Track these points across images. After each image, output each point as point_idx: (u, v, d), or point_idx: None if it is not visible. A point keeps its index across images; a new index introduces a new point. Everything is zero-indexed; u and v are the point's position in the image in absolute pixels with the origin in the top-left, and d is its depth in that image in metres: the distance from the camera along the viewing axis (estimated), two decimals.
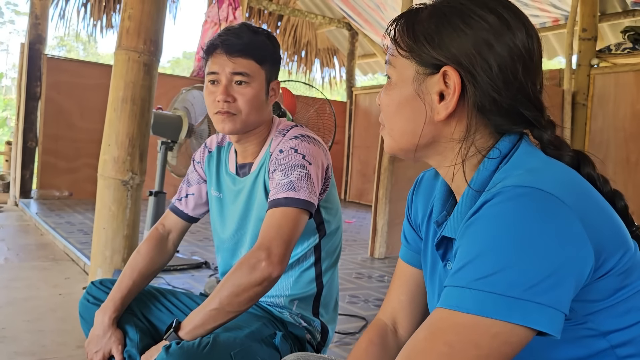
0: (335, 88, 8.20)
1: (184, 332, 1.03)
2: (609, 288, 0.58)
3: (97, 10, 6.31)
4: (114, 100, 2.18)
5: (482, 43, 0.63)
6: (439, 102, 0.65)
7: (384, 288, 2.69)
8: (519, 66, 0.63)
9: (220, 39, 1.19)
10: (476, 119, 0.65)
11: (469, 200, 0.64)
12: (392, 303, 0.85)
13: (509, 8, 0.65)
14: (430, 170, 0.83)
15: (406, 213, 0.86)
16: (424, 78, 0.66)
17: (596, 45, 4.70)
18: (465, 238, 0.57)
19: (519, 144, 0.65)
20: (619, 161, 4.49)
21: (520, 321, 0.52)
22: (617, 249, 0.58)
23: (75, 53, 21.32)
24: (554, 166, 0.62)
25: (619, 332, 0.59)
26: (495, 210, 0.55)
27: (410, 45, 0.66)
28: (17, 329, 1.88)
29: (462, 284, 0.54)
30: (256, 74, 1.19)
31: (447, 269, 0.71)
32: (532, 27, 0.66)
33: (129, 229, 2.19)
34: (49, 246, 3.35)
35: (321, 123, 3.25)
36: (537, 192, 0.55)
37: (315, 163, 1.17)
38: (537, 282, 0.52)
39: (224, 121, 1.19)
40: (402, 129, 0.68)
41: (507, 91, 0.63)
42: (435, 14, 0.66)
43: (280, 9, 6.83)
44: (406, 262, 0.85)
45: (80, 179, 5.17)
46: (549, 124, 0.67)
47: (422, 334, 0.56)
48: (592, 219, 0.56)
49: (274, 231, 1.07)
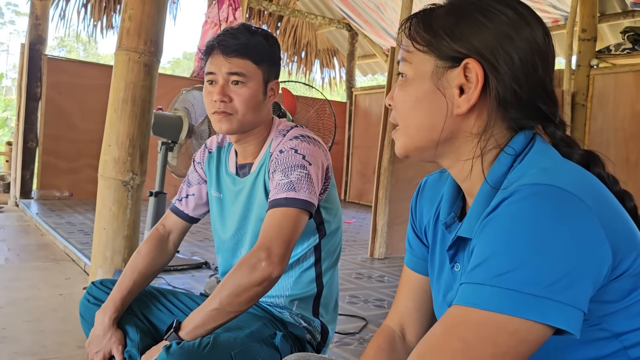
0: (335, 88, 8.20)
1: (185, 332, 1.04)
2: (624, 289, 0.58)
3: (98, 10, 6.31)
4: (115, 100, 2.18)
5: (503, 35, 0.63)
6: (459, 95, 0.64)
7: (383, 288, 2.70)
8: (539, 60, 0.64)
9: (217, 40, 1.20)
10: (495, 113, 0.65)
11: (484, 198, 0.64)
12: (400, 310, 0.85)
13: (525, 5, 0.66)
14: (433, 174, 0.83)
15: (410, 220, 0.85)
16: (443, 72, 0.65)
17: (596, 46, 4.70)
18: (483, 236, 0.56)
19: (534, 142, 0.65)
20: (619, 161, 4.49)
21: (538, 318, 0.51)
22: (632, 250, 0.57)
23: (76, 54, 21.33)
24: (568, 166, 0.62)
25: (632, 333, 0.59)
26: (513, 208, 0.55)
27: (428, 39, 0.66)
28: (18, 329, 1.89)
29: (480, 280, 0.53)
30: (253, 74, 1.20)
31: (454, 270, 0.71)
32: (547, 28, 0.67)
33: (129, 230, 2.20)
34: (49, 246, 3.35)
35: (321, 123, 3.26)
36: (555, 190, 0.54)
37: (316, 163, 1.17)
38: (556, 280, 0.51)
39: (220, 121, 1.19)
40: (420, 125, 0.67)
41: (527, 84, 0.63)
42: (453, 10, 0.66)
43: (280, 9, 6.83)
44: (411, 269, 0.85)
45: (80, 180, 5.18)
46: (562, 122, 0.68)
47: (438, 329, 0.55)
48: (608, 219, 0.56)
49: (274, 231, 1.08)
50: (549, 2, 5.12)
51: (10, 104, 12.41)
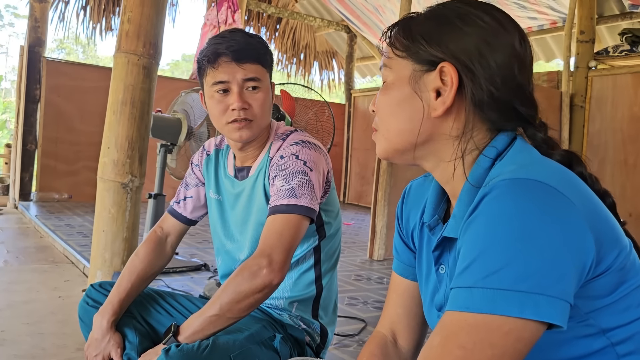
0: (334, 90, 8.21)
1: (183, 337, 1.03)
2: (611, 284, 0.58)
3: (97, 13, 6.32)
4: (114, 103, 2.18)
5: (480, 40, 0.65)
6: (435, 98, 0.66)
7: (383, 290, 2.70)
8: (516, 64, 0.65)
9: (223, 47, 1.15)
10: (473, 115, 0.66)
11: (467, 197, 0.65)
12: (390, 316, 0.86)
13: (503, 12, 0.68)
14: (418, 179, 0.84)
15: (396, 226, 0.86)
16: (420, 75, 0.67)
17: (594, 48, 4.71)
18: (467, 236, 0.57)
19: (514, 142, 0.66)
20: (617, 163, 4.49)
21: (532, 316, 0.51)
22: (614, 245, 0.58)
23: (75, 56, 21.33)
24: (548, 163, 0.63)
25: (619, 329, 0.59)
26: (494, 205, 0.55)
27: (406, 45, 0.68)
28: (17, 332, 1.89)
29: (469, 283, 0.53)
30: (264, 78, 1.20)
31: (439, 272, 0.72)
32: (524, 34, 0.68)
33: (128, 232, 2.20)
34: (48, 249, 3.35)
35: (320, 125, 3.26)
36: (535, 184, 0.55)
37: (317, 169, 1.17)
38: (545, 274, 0.51)
39: (241, 129, 1.17)
40: (399, 128, 0.69)
41: (504, 87, 0.65)
42: (432, 16, 0.68)
43: (279, 11, 6.84)
44: (399, 275, 0.85)
45: (79, 182, 5.17)
46: (542, 125, 0.69)
47: (436, 339, 0.55)
48: (590, 213, 0.56)
49: (275, 238, 1.07)
50: (547, 4, 5.14)
51: (9, 106, 12.41)
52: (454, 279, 0.56)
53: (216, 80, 1.17)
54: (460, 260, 0.56)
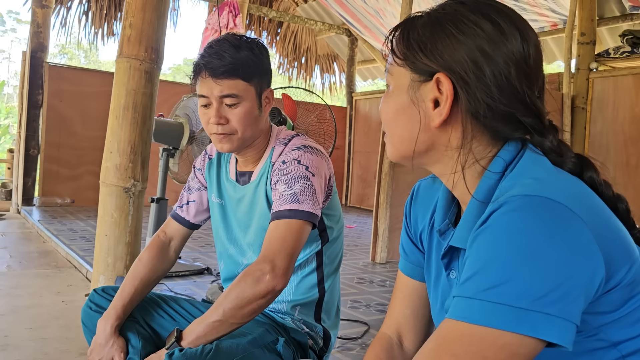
0: (335, 94, 8.22)
1: (186, 342, 1.03)
2: (620, 299, 0.57)
3: (99, 18, 6.34)
4: (116, 107, 2.19)
5: (475, 50, 0.63)
6: (433, 109, 0.65)
7: (385, 293, 2.69)
8: (513, 72, 0.62)
9: (203, 61, 1.17)
10: (472, 126, 0.65)
11: (475, 209, 0.64)
12: (396, 317, 0.84)
13: (504, 13, 0.65)
14: (427, 178, 0.83)
15: (404, 225, 0.85)
16: (418, 85, 0.66)
17: (595, 49, 4.71)
18: (474, 248, 0.56)
19: (524, 151, 0.64)
20: (619, 164, 4.49)
21: (529, 332, 0.51)
22: (625, 261, 0.57)
23: (77, 61, 21.40)
24: (560, 176, 0.61)
25: (630, 341, 0.59)
26: (502, 220, 0.54)
27: (404, 53, 0.67)
28: (20, 337, 1.89)
29: (470, 294, 0.53)
30: (245, 92, 1.18)
31: (450, 278, 0.71)
32: (527, 31, 0.65)
33: (131, 236, 2.20)
34: (51, 253, 3.35)
35: (322, 129, 3.26)
36: (545, 201, 0.54)
37: (319, 174, 1.17)
38: (546, 293, 0.51)
39: (221, 141, 1.20)
40: (401, 136, 0.69)
41: (501, 97, 0.62)
42: (430, 21, 0.66)
43: (280, 15, 6.86)
44: (406, 275, 0.84)
45: (82, 186, 5.19)
46: (551, 128, 0.66)
47: (430, 345, 0.55)
48: (600, 230, 0.55)
49: (278, 244, 1.08)
50: (548, 6, 5.14)
51: (11, 111, 12.45)
52: (456, 288, 0.56)
53: (199, 93, 1.20)
54: (465, 270, 0.56)
